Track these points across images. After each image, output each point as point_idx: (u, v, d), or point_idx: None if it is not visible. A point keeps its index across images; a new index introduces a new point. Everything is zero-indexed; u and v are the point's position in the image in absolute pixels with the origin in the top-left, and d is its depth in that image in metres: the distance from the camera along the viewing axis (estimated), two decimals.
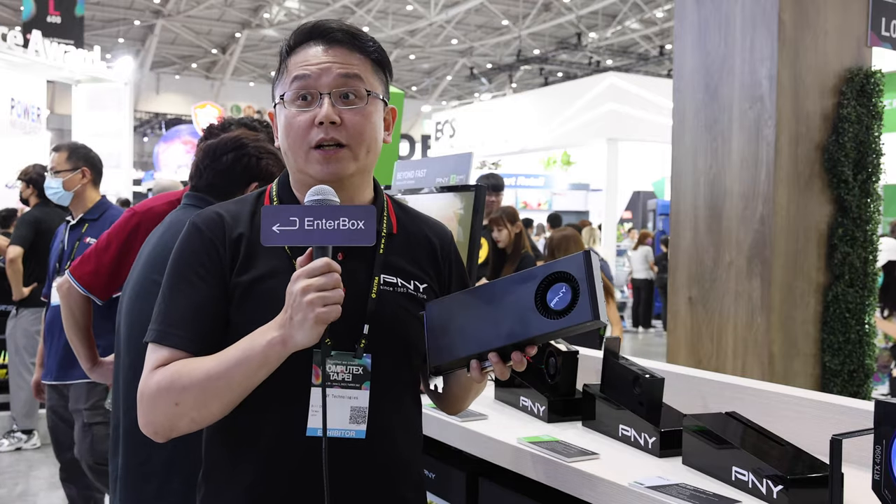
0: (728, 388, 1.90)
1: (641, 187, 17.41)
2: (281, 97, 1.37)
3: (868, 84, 3.69)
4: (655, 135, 11.89)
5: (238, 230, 1.37)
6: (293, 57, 1.38)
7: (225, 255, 1.35)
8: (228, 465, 1.36)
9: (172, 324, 1.32)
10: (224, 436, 1.37)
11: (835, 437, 1.24)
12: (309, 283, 1.18)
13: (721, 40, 3.81)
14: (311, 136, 1.34)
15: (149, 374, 1.30)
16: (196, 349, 1.31)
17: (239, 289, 1.33)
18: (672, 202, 4.09)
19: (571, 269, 1.24)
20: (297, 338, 1.20)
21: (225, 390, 1.25)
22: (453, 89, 33.11)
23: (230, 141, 2.25)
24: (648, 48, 25.42)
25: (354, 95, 1.35)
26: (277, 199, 1.43)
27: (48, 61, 10.56)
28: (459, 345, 1.32)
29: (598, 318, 1.21)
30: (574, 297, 1.22)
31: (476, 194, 2.25)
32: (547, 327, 1.24)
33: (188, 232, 1.39)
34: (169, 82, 31.42)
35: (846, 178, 3.63)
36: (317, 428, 1.31)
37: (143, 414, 1.31)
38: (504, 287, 1.30)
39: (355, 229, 1.22)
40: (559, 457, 1.64)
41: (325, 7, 23.93)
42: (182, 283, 1.34)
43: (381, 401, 1.36)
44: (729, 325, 3.70)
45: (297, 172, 1.40)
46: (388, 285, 1.39)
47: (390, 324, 1.37)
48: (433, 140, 18.00)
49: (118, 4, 23.77)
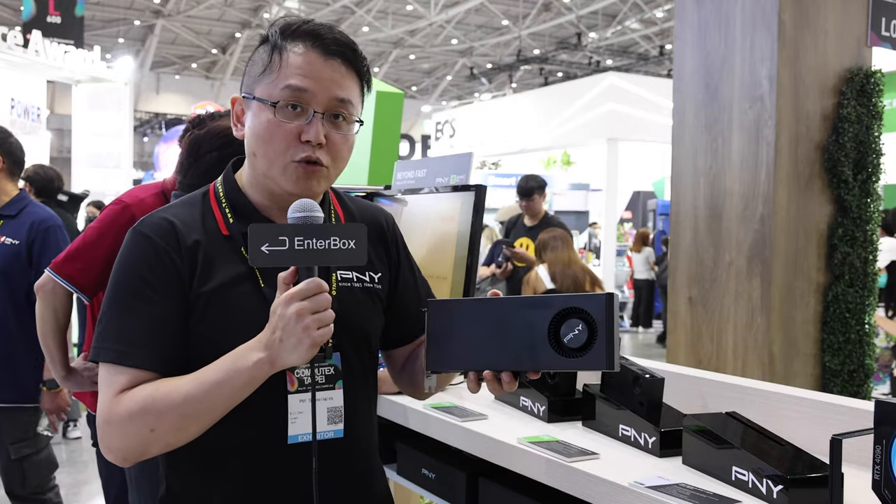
0: (728, 388, 1.90)
1: (641, 187, 17.41)
2: (273, 104, 1.29)
3: (868, 84, 3.69)
4: (655, 135, 11.88)
5: (192, 237, 1.30)
6: (286, 56, 1.31)
7: (181, 264, 1.28)
8: (199, 483, 1.32)
9: (131, 342, 1.24)
10: (192, 454, 1.29)
11: (835, 437, 1.24)
12: (303, 306, 1.14)
13: (721, 40, 3.81)
14: (293, 150, 1.29)
15: (114, 399, 1.22)
16: (161, 368, 1.24)
17: (201, 300, 1.27)
18: (672, 202, 4.09)
19: (591, 308, 1.20)
20: (287, 360, 1.17)
21: (205, 412, 1.20)
22: (453, 89, 33.11)
23: (216, 136, 2.16)
24: (648, 48, 25.42)
25: (344, 119, 1.32)
26: (226, 200, 1.36)
27: (48, 61, 10.55)
28: (463, 357, 1.29)
29: (613, 368, 1.18)
30: (590, 339, 1.19)
31: (476, 194, 2.24)
32: (557, 364, 1.21)
33: (134, 241, 1.30)
34: (169, 82, 31.42)
35: (846, 178, 3.63)
36: (297, 434, 1.30)
37: (111, 440, 1.23)
38: (517, 308, 1.26)
39: (346, 249, 1.20)
40: (559, 457, 1.64)
41: (325, 7, 23.92)
42: (135, 298, 1.26)
43: (351, 397, 1.36)
44: (729, 325, 3.70)
45: (262, 177, 1.33)
46: (346, 281, 1.38)
47: (352, 320, 1.35)
48: (433, 140, 17.98)
49: (118, 4, 23.76)
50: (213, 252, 1.30)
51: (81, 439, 5.96)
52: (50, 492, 3.34)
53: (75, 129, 11.96)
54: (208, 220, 1.33)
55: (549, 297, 1.25)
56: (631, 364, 1.85)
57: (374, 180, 3.67)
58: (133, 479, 2.09)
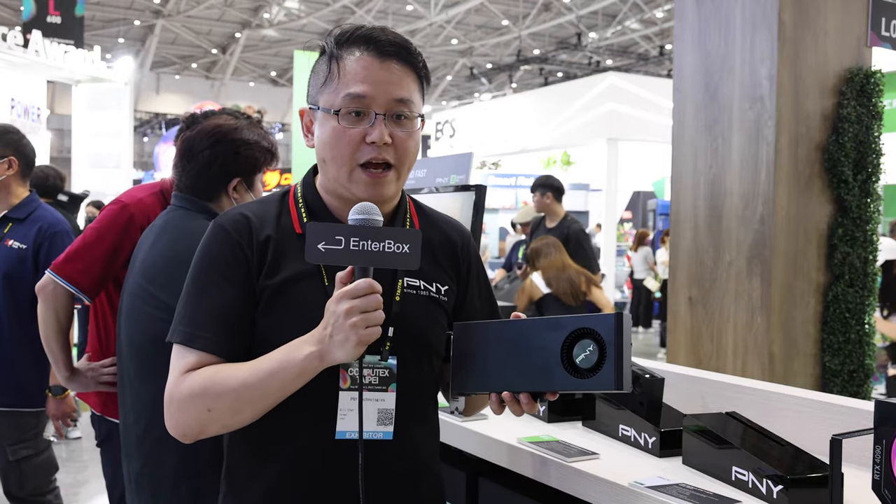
0: (728, 388, 1.90)
1: (641, 187, 17.41)
2: (335, 112, 1.34)
3: (868, 84, 3.69)
4: (655, 135, 11.88)
5: (265, 232, 1.37)
6: (343, 63, 1.36)
7: (252, 257, 1.35)
8: (251, 466, 1.38)
9: (200, 326, 1.32)
10: (249, 437, 1.37)
11: (835, 437, 1.24)
12: (353, 304, 1.20)
13: (721, 40, 3.81)
14: (359, 154, 1.34)
15: (179, 378, 1.31)
16: (225, 353, 1.31)
17: (267, 292, 1.34)
18: (672, 202, 4.09)
19: (601, 329, 1.22)
20: (336, 355, 1.22)
21: (259, 399, 1.27)
22: (453, 89, 33.11)
23: (206, 135, 2.15)
24: (648, 48, 25.42)
25: (406, 118, 1.36)
26: (303, 200, 1.42)
27: (48, 61, 10.54)
28: (482, 379, 1.33)
29: (622, 388, 1.20)
30: (600, 359, 1.21)
31: (476, 194, 2.25)
32: (569, 385, 1.24)
33: (213, 233, 1.38)
34: (169, 82, 31.42)
35: (846, 178, 3.63)
36: (346, 431, 1.33)
37: (173, 416, 1.31)
38: (532, 331, 1.29)
39: (400, 252, 1.24)
40: (559, 457, 1.64)
41: (325, 7, 23.93)
42: (209, 284, 1.34)
43: (405, 402, 1.37)
44: (729, 325, 3.70)
45: (333, 182, 1.39)
46: (412, 288, 1.41)
47: (414, 326, 1.38)
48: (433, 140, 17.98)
49: (118, 4, 23.76)
50: (285, 248, 1.36)
51: (81, 439, 5.95)
52: (49, 493, 3.33)
53: (75, 129, 11.95)
54: (284, 218, 1.40)
55: (563, 318, 1.26)
56: (631, 364, 1.84)
57: None
58: (132, 479, 2.08)
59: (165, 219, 2.16)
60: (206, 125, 2.18)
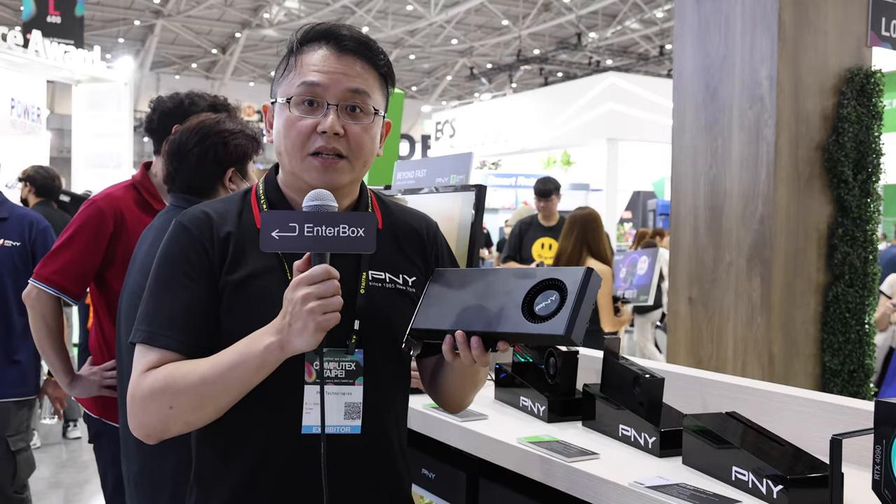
0: (728, 388, 1.90)
1: (641, 187, 17.41)
2: (287, 100, 1.35)
3: (868, 84, 3.69)
4: (655, 135, 11.89)
5: (226, 228, 1.36)
6: (302, 57, 1.36)
7: (214, 254, 1.34)
8: (219, 465, 1.36)
9: (162, 325, 1.31)
10: (215, 436, 1.36)
11: (835, 437, 1.24)
12: (309, 290, 1.19)
13: (721, 40, 3.81)
14: (310, 143, 1.33)
15: (140, 377, 1.29)
16: (187, 351, 1.30)
17: (229, 287, 1.33)
18: (672, 202, 4.09)
19: (567, 280, 1.22)
20: (295, 343, 1.21)
21: (220, 394, 1.25)
22: (453, 89, 33.11)
23: (192, 133, 2.16)
24: (648, 48, 25.42)
25: (360, 110, 1.36)
26: (265, 197, 1.41)
27: (48, 61, 10.54)
28: (441, 317, 1.33)
29: (570, 337, 1.19)
30: (558, 308, 1.21)
31: (476, 194, 2.25)
32: (520, 328, 1.23)
33: (175, 232, 1.37)
34: (169, 82, 31.39)
35: (846, 178, 3.63)
36: (312, 425, 1.32)
37: (135, 416, 1.30)
38: (504, 279, 1.30)
39: (355, 237, 1.23)
40: (559, 457, 1.64)
41: (324, 7, 23.92)
42: (171, 283, 1.33)
43: (373, 395, 1.37)
44: (729, 325, 3.70)
45: (289, 174, 1.39)
46: (377, 281, 1.40)
47: (380, 319, 1.37)
48: (433, 140, 18.01)
49: (118, 4, 23.76)
50: (245, 244, 1.35)
51: (81, 439, 5.96)
52: (27, 490, 3.37)
53: (75, 129, 11.94)
54: (245, 214, 1.39)
55: (536, 269, 1.27)
56: (631, 364, 1.85)
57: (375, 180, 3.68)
58: (132, 481, 2.08)
59: (164, 218, 2.17)
60: (190, 124, 2.20)
